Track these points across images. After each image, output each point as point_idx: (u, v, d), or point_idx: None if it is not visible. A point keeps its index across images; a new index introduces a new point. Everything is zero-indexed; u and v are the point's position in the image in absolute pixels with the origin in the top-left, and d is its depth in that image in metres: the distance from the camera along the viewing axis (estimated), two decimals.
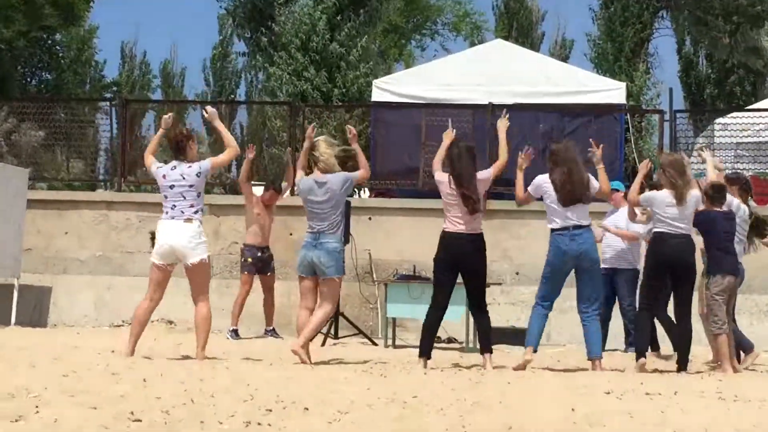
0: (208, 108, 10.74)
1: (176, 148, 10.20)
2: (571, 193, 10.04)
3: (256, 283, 14.43)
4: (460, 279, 10.25)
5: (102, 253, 16.25)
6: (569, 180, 10.06)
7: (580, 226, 10.04)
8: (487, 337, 10.16)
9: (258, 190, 15.34)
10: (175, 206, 10.04)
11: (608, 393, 7.67)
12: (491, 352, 10.12)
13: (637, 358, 10.13)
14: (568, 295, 15.17)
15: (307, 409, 6.53)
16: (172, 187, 10.05)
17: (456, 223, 10.03)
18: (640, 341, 10.31)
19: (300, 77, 23.26)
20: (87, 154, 19.06)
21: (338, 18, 24.45)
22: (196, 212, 10.08)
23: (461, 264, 10.07)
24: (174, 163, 10.19)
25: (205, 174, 10.11)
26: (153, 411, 6.29)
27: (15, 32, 26.62)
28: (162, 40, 68.62)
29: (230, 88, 53.43)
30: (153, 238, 15.86)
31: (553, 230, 10.13)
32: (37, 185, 19.06)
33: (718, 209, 10.58)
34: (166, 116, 10.40)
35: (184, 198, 10.03)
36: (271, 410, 6.44)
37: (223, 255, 16.08)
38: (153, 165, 10.27)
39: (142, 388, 7.19)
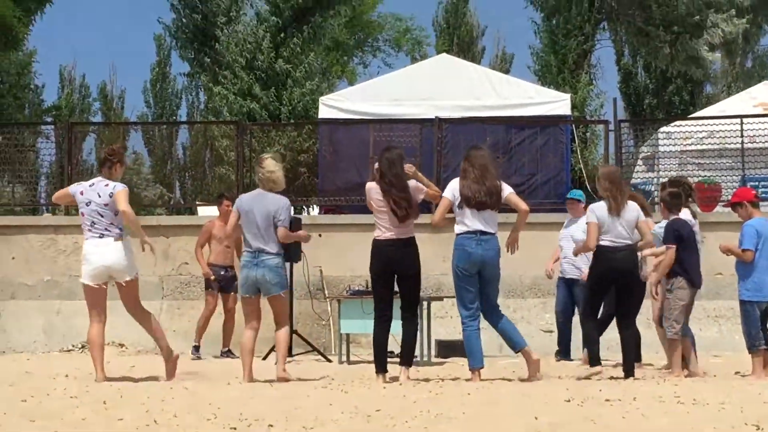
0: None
1: (103, 163, 10.10)
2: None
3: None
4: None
5: (50, 278, 16.09)
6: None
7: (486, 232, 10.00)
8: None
9: (207, 210, 15.32)
10: (94, 224, 9.94)
11: (568, 401, 7.72)
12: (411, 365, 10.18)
13: (592, 364, 10.19)
14: (518, 305, 15.40)
15: (271, 426, 6.51)
16: (88, 204, 9.96)
17: (385, 229, 10.03)
18: (593, 349, 10.35)
19: (246, 96, 23.23)
20: (27, 179, 18.88)
21: (282, 35, 24.42)
22: (120, 229, 9.97)
23: (396, 269, 10.05)
24: (94, 180, 10.12)
25: (114, 197, 9.92)
26: None
27: None
28: (100, 62, 68.07)
29: (171, 109, 53.19)
30: None
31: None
32: None
33: (676, 216, 10.76)
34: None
35: (102, 216, 9.94)
36: (235, 428, 6.42)
37: (174, 276, 15.98)
38: (70, 187, 10.25)
39: (103, 411, 7.14)
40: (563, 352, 13.58)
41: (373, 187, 10.11)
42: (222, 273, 14.36)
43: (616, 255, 10.23)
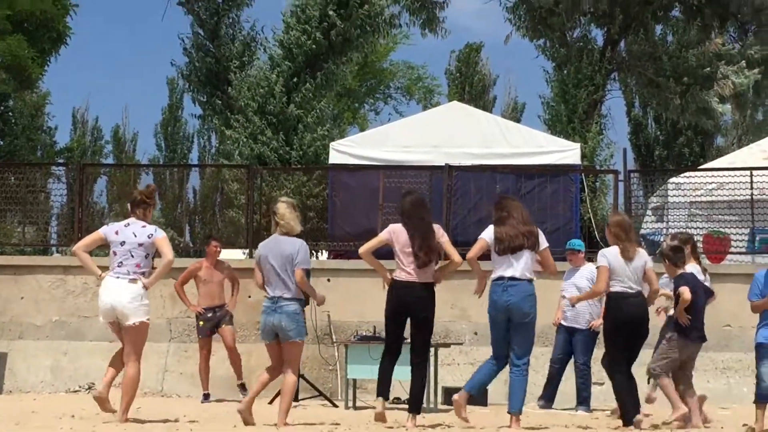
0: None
1: (138, 205, 10.11)
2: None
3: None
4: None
5: (58, 318, 16.12)
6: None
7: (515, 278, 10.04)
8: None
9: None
10: (122, 264, 9.95)
11: None
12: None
13: (625, 423, 10.06)
14: (537, 353, 15.32)
15: None
16: (122, 243, 9.97)
17: (405, 272, 10.02)
18: (625, 404, 10.19)
19: (257, 140, 23.32)
20: (38, 220, 18.96)
21: (294, 80, 24.55)
22: (142, 273, 10.00)
23: (411, 312, 10.05)
24: (128, 220, 10.13)
25: (153, 241, 10.00)
26: None
27: None
28: (113, 104, 68.49)
29: (182, 152, 53.38)
30: None
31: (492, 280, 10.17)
32: None
33: (682, 270, 10.74)
34: None
35: (132, 256, 9.97)
36: None
37: (181, 319, 15.97)
38: (102, 229, 10.23)
39: None
40: (547, 397, 13.60)
41: (399, 229, 10.06)
42: (209, 315, 14.38)
43: (629, 301, 10.20)
